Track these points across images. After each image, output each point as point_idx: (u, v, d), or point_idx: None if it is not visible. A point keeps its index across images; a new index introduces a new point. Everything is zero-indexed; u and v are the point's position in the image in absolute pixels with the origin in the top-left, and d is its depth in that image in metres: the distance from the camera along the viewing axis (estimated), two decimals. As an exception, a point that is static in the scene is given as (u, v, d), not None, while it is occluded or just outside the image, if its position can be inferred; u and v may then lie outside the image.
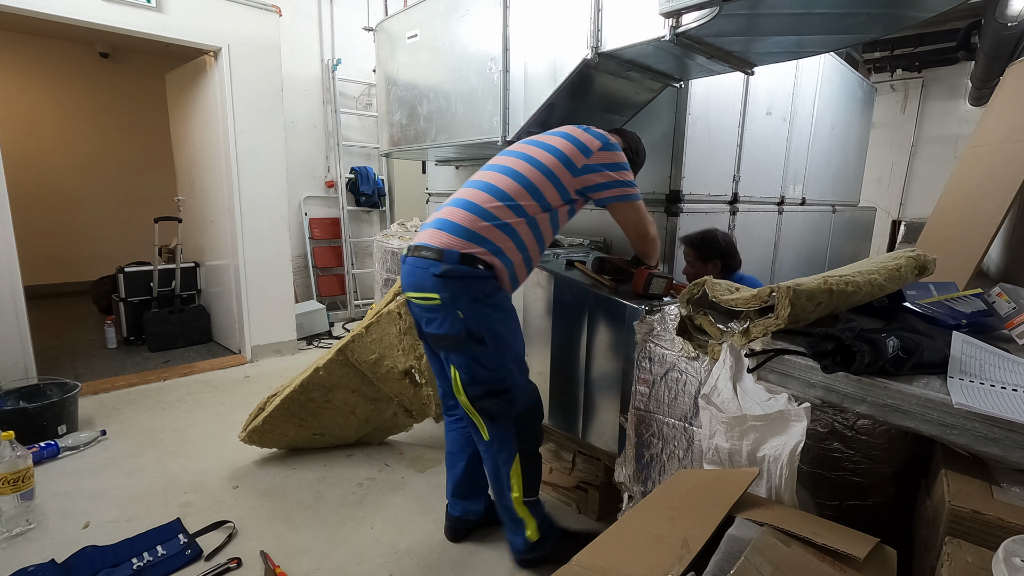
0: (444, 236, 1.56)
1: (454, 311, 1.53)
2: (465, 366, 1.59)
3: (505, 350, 1.61)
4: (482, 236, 1.56)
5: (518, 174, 1.64)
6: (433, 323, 1.58)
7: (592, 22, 1.80)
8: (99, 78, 5.85)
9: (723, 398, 1.30)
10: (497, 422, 1.64)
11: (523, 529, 1.73)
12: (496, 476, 1.70)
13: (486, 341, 1.56)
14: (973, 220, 2.95)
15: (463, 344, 1.55)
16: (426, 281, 1.55)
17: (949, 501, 0.91)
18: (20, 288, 2.96)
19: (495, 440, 1.66)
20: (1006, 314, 1.41)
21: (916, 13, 1.69)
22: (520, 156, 1.69)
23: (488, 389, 1.59)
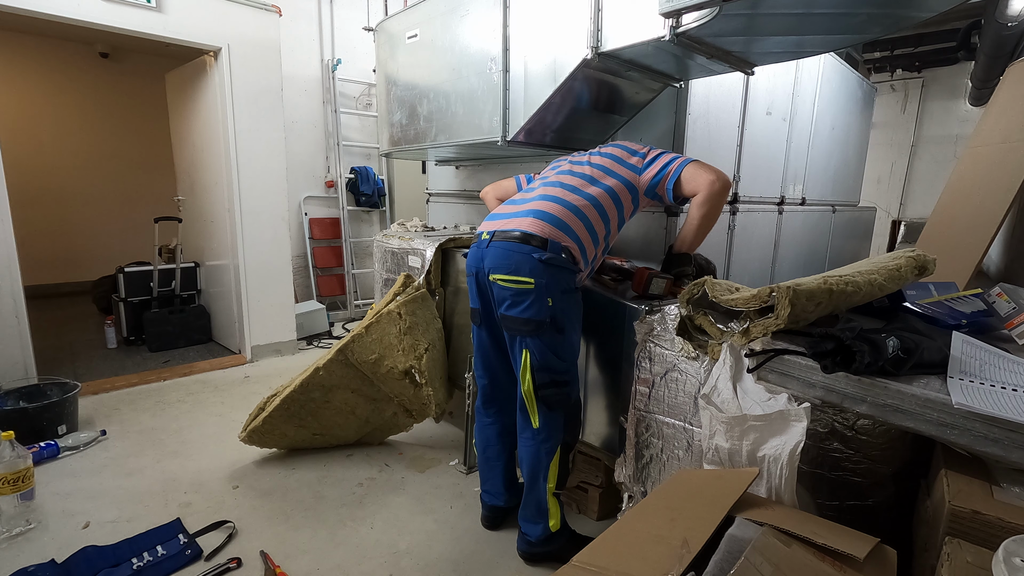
0: (546, 226, 1.62)
1: (545, 298, 1.60)
2: (540, 352, 1.64)
3: (576, 343, 1.72)
4: (575, 233, 1.65)
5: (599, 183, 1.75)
6: (518, 306, 1.62)
7: (592, 22, 1.80)
8: (99, 78, 5.85)
9: (723, 398, 1.30)
10: (553, 411, 1.69)
11: (547, 519, 1.78)
12: (535, 464, 1.74)
13: (565, 331, 1.65)
14: (973, 220, 2.94)
15: (544, 330, 1.62)
16: (524, 265, 1.59)
17: (949, 501, 0.91)
18: (20, 288, 2.96)
19: (544, 429, 1.70)
20: (1006, 314, 1.41)
21: (916, 13, 1.69)
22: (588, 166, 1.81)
23: (554, 378, 1.66)
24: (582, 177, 1.77)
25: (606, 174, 1.77)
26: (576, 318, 1.71)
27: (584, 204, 1.69)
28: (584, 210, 1.69)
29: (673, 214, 2.29)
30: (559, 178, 1.79)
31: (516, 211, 1.74)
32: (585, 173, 1.78)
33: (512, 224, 1.68)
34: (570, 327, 1.67)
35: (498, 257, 1.65)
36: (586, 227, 1.68)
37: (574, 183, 1.75)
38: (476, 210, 3.30)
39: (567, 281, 1.64)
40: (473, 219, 3.30)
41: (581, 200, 1.70)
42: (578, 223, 1.67)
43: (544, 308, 1.60)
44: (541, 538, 1.80)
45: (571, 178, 1.77)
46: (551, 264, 1.59)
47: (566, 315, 1.65)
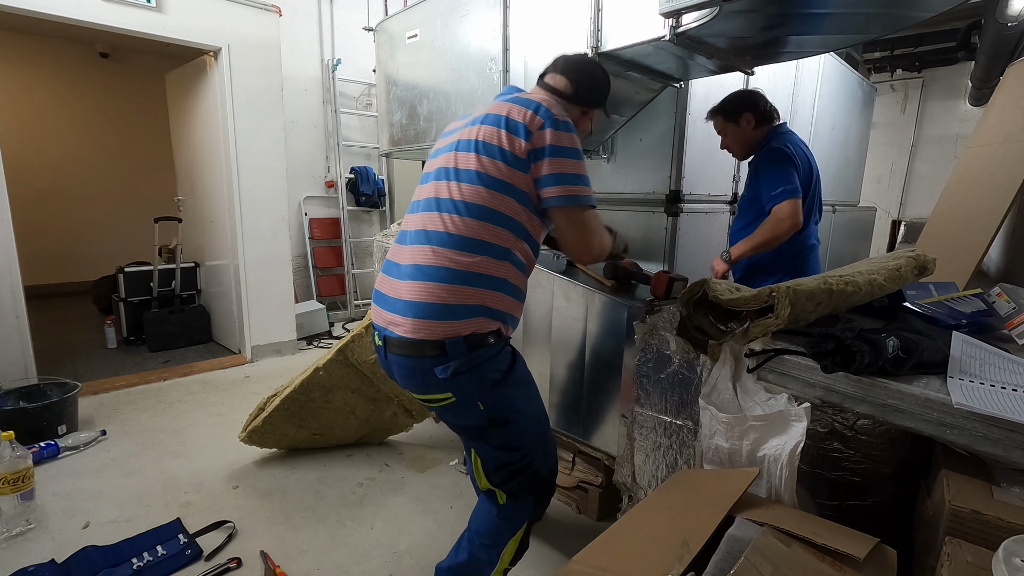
0: (431, 324, 1.23)
1: (474, 404, 1.30)
2: (488, 454, 1.38)
3: (529, 423, 1.39)
4: (471, 304, 1.25)
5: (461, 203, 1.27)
6: (447, 415, 1.39)
7: (592, 22, 1.80)
8: (99, 78, 5.85)
9: (723, 398, 1.30)
10: (520, 498, 1.42)
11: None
12: (492, 540, 1.44)
13: (510, 421, 1.34)
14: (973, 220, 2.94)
15: (486, 433, 1.34)
16: (431, 384, 1.28)
17: (949, 501, 0.91)
18: (20, 288, 2.96)
19: (510, 509, 1.43)
20: (1006, 314, 1.41)
21: (916, 13, 1.69)
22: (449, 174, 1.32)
23: (513, 471, 1.38)
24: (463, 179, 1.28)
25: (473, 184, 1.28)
26: (521, 397, 1.37)
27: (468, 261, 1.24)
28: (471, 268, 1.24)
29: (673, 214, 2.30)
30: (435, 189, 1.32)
31: (393, 290, 1.32)
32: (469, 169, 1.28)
33: (394, 321, 1.28)
34: (515, 412, 1.34)
35: (404, 376, 1.33)
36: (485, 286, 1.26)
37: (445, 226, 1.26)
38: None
39: (494, 371, 1.30)
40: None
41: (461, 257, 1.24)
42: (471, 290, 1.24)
43: (476, 413, 1.30)
44: None
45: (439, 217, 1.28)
46: (460, 372, 1.24)
47: (504, 406, 1.32)
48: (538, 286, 2.03)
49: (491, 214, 1.26)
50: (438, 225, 1.27)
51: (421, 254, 1.28)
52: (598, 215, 1.38)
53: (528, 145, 1.25)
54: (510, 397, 1.34)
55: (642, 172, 2.44)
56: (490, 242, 1.26)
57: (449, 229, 1.26)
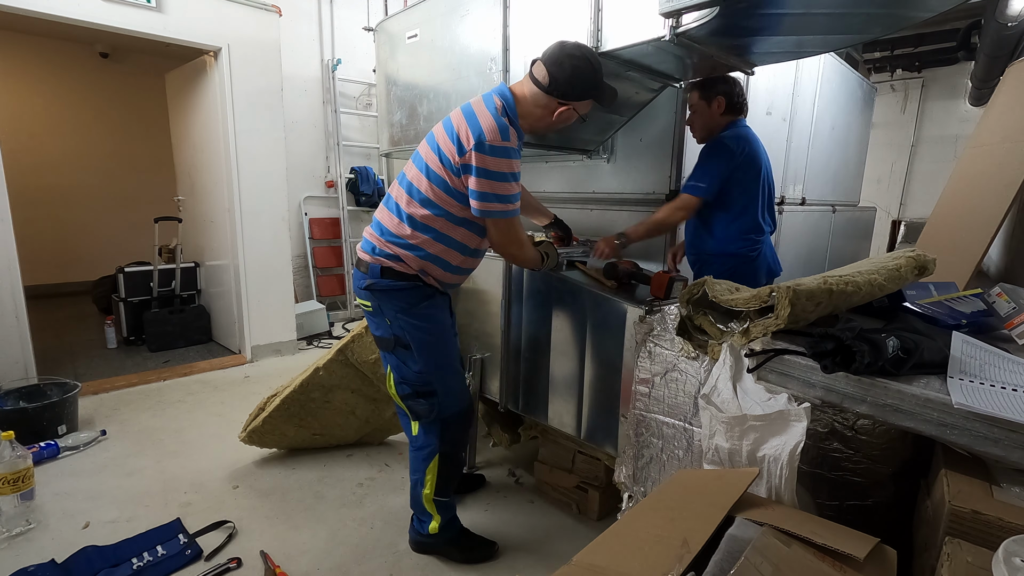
0: (365, 253, 1.69)
1: (383, 318, 1.69)
2: (396, 367, 1.74)
3: (430, 356, 1.70)
4: (394, 255, 1.63)
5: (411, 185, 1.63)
6: (372, 326, 1.77)
7: (592, 22, 1.80)
8: (99, 78, 5.85)
9: (723, 398, 1.30)
10: (423, 421, 1.75)
11: (428, 521, 1.83)
12: (414, 470, 1.81)
13: (412, 347, 1.68)
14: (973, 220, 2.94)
15: (393, 347, 1.70)
16: (359, 290, 1.71)
17: (949, 501, 0.91)
18: (20, 288, 2.96)
19: (420, 437, 1.77)
20: (1006, 314, 1.41)
21: (916, 13, 1.69)
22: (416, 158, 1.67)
23: (415, 390, 1.72)
24: (401, 182, 1.67)
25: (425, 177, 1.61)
26: (426, 332, 1.68)
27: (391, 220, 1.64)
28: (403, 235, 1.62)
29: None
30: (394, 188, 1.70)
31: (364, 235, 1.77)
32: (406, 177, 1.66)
33: (359, 247, 1.75)
34: (418, 342, 1.67)
35: (353, 282, 1.77)
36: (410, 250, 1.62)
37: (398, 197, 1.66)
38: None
39: (402, 299, 1.65)
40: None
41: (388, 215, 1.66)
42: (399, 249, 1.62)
43: (385, 327, 1.69)
44: (424, 535, 1.85)
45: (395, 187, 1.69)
46: (374, 289, 1.65)
47: (407, 332, 1.67)
48: (538, 286, 2.04)
49: (427, 202, 1.60)
50: (399, 198, 1.66)
51: (383, 213, 1.71)
52: (516, 226, 1.66)
53: (461, 160, 1.53)
54: (413, 325, 1.67)
55: (642, 172, 2.44)
56: (418, 220, 1.61)
57: (400, 203, 1.64)
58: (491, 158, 1.50)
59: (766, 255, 2.17)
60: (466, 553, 1.85)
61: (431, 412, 1.72)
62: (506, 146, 1.52)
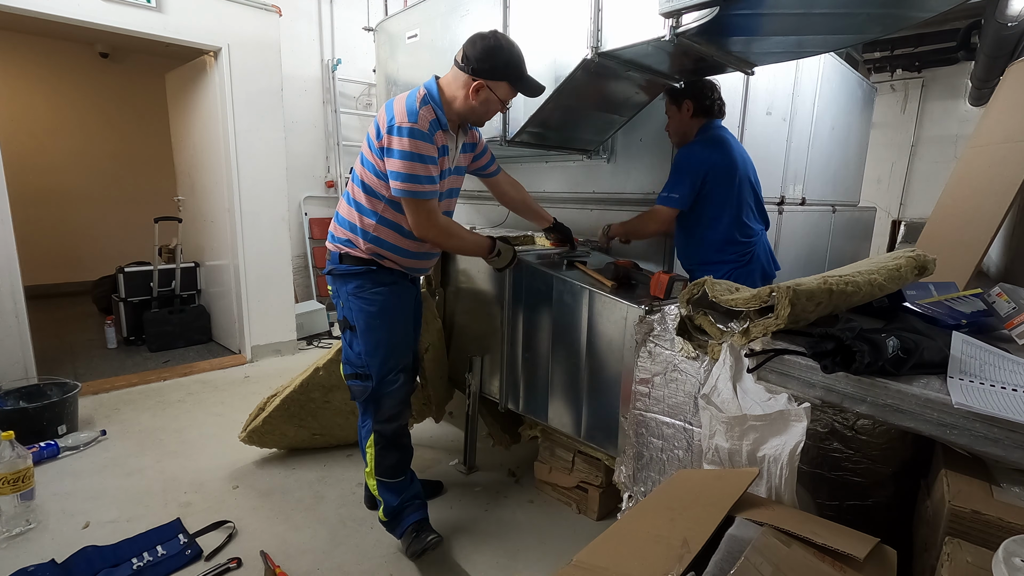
0: (328, 243, 1.84)
1: (339, 300, 1.83)
2: (343, 348, 1.88)
3: (371, 342, 1.79)
4: (348, 240, 1.76)
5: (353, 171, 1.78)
6: (336, 304, 1.87)
7: (592, 22, 1.80)
8: (99, 78, 5.85)
9: (723, 398, 1.30)
10: (359, 401, 1.86)
11: (378, 504, 1.90)
12: (360, 446, 1.93)
13: (357, 329, 1.79)
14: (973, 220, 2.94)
15: (344, 328, 1.84)
16: (327, 276, 1.87)
17: (949, 501, 0.91)
18: (20, 288, 2.96)
19: (361, 415, 1.91)
20: (1006, 314, 1.41)
21: (916, 13, 1.69)
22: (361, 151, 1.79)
23: (355, 371, 1.84)
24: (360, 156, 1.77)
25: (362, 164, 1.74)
26: (370, 316, 1.77)
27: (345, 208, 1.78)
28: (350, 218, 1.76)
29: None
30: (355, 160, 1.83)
31: None
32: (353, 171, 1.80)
33: None
34: (361, 326, 1.78)
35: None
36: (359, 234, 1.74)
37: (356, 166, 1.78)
38: (477, 210, 3.30)
39: (354, 283, 1.77)
40: (474, 219, 3.30)
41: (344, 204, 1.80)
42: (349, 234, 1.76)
43: (340, 308, 1.83)
44: (381, 519, 1.91)
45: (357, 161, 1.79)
46: (333, 274, 1.82)
47: (354, 315, 1.78)
48: (539, 286, 2.04)
49: (367, 187, 1.72)
50: (350, 187, 1.79)
51: (342, 203, 1.83)
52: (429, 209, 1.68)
53: (378, 144, 1.64)
54: (359, 308, 1.77)
55: (642, 172, 2.44)
56: (363, 205, 1.72)
57: (350, 191, 1.78)
58: (399, 138, 1.58)
59: (760, 257, 2.16)
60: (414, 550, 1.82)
61: (364, 394, 1.82)
62: (413, 127, 1.58)
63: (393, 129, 1.59)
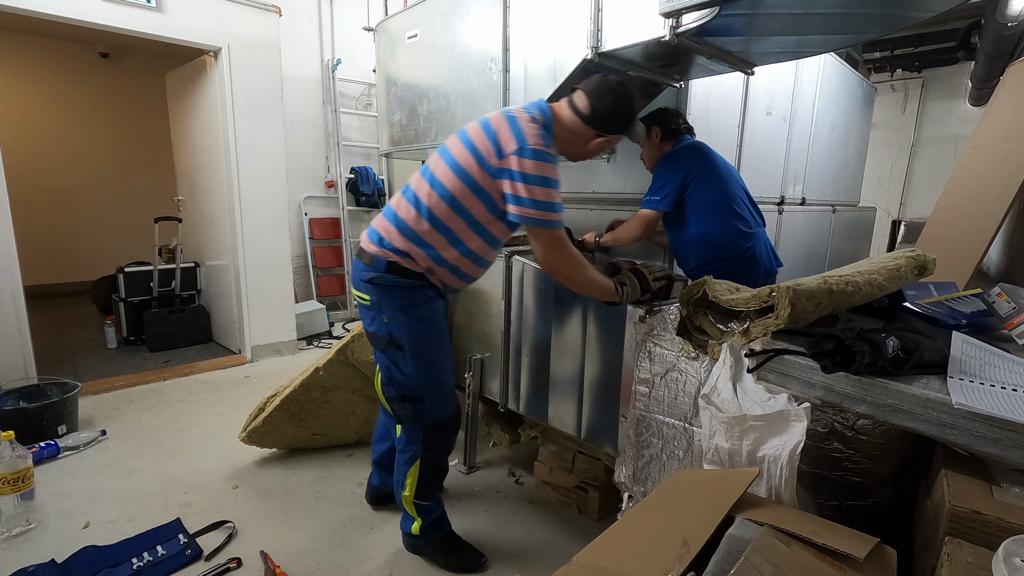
0: (372, 244, 1.63)
1: (381, 315, 1.63)
2: (385, 367, 1.70)
3: (423, 361, 1.66)
4: (402, 250, 1.58)
5: (435, 179, 1.57)
6: (365, 320, 1.70)
7: (592, 22, 1.80)
8: (99, 78, 5.85)
9: (723, 398, 1.30)
10: (406, 425, 1.71)
11: (411, 522, 1.81)
12: (398, 471, 1.79)
13: (406, 349, 1.63)
14: (973, 220, 2.94)
15: (386, 346, 1.65)
16: (359, 282, 1.65)
17: (949, 501, 0.91)
18: (20, 288, 2.96)
19: (402, 440, 1.75)
20: (1006, 314, 1.41)
21: (916, 13, 1.69)
22: (443, 153, 1.60)
23: (402, 393, 1.67)
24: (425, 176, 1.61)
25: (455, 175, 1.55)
26: (422, 335, 1.64)
27: (410, 215, 1.58)
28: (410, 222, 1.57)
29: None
30: (412, 180, 1.67)
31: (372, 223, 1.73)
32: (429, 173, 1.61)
33: (361, 239, 1.71)
34: (412, 345, 1.62)
35: (353, 272, 1.71)
36: (426, 237, 1.57)
37: (415, 188, 1.61)
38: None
39: (403, 298, 1.60)
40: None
41: (408, 209, 1.58)
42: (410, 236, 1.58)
43: (382, 324, 1.63)
44: (409, 535, 1.83)
45: (416, 179, 1.64)
46: (376, 283, 1.60)
47: (403, 333, 1.61)
48: (538, 286, 2.04)
49: (452, 199, 1.55)
50: (421, 191, 1.59)
51: (397, 201, 1.64)
52: (562, 240, 1.56)
53: (499, 163, 1.50)
54: (410, 327, 1.62)
55: (642, 172, 2.43)
56: (442, 220, 1.56)
57: (420, 196, 1.59)
58: (532, 162, 1.47)
59: (760, 254, 2.15)
60: (451, 560, 1.81)
61: (415, 418, 1.68)
62: (547, 151, 1.50)
63: (526, 151, 1.47)
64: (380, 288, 1.60)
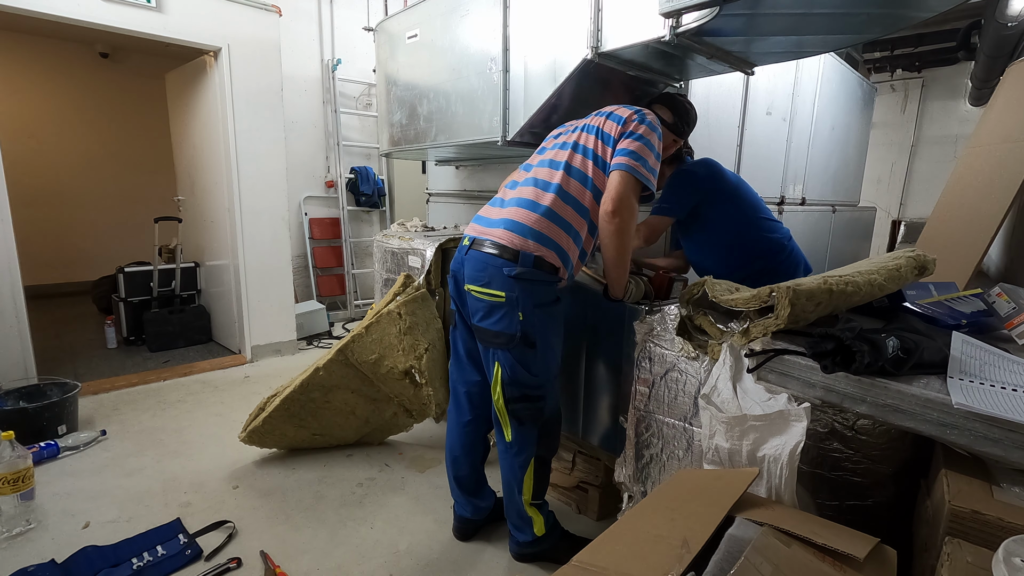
0: (516, 237, 1.57)
1: (516, 312, 1.56)
2: (510, 366, 1.60)
3: (551, 358, 1.65)
4: (549, 238, 1.58)
5: (573, 168, 1.64)
6: (490, 318, 1.59)
7: (592, 22, 1.80)
8: (99, 78, 5.85)
9: (723, 398, 1.30)
10: (524, 426, 1.66)
11: (531, 526, 1.77)
12: (510, 477, 1.73)
13: (537, 346, 1.59)
14: (973, 220, 2.94)
15: (515, 345, 1.58)
16: (495, 278, 1.56)
17: (949, 501, 0.91)
18: (20, 288, 2.96)
19: (516, 443, 1.68)
20: (1006, 314, 1.41)
21: (916, 13, 1.69)
22: (570, 147, 1.67)
23: (525, 393, 1.62)
24: (557, 167, 1.65)
25: (587, 159, 1.64)
26: (552, 332, 1.64)
27: (557, 204, 1.60)
28: (558, 211, 1.60)
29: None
30: (535, 173, 1.69)
31: (494, 218, 1.67)
32: (562, 161, 1.66)
33: (487, 233, 1.63)
34: (543, 342, 1.61)
35: (473, 267, 1.61)
36: (564, 229, 1.60)
37: (548, 177, 1.65)
38: (476, 210, 3.29)
39: (542, 294, 1.59)
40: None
41: (553, 199, 1.60)
42: (553, 228, 1.59)
43: (515, 322, 1.56)
44: (528, 542, 1.79)
45: (546, 171, 1.67)
46: (522, 278, 1.55)
47: (538, 330, 1.59)
48: (538, 286, 2.03)
49: (584, 178, 1.63)
50: (546, 176, 1.65)
51: (534, 193, 1.63)
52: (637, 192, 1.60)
53: (621, 129, 1.61)
54: (545, 324, 1.60)
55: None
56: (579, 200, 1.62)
57: (553, 180, 1.63)
58: (646, 127, 1.60)
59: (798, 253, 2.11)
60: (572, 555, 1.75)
61: (536, 416, 1.65)
62: (658, 126, 1.65)
63: (645, 119, 1.62)
64: (524, 284, 1.55)
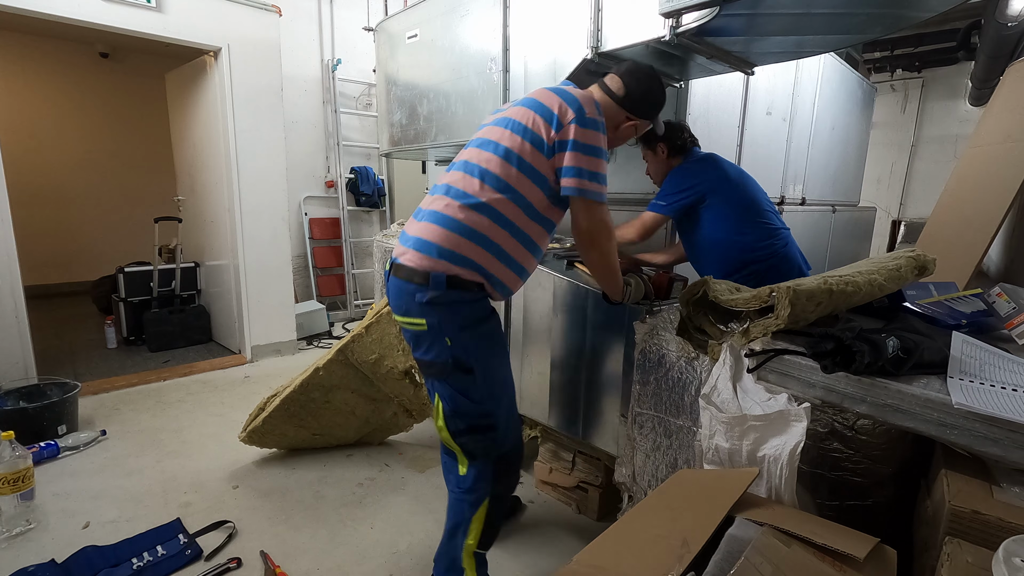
0: (423, 259, 1.39)
1: (442, 338, 1.41)
2: (450, 397, 1.45)
3: (493, 382, 1.49)
4: (462, 256, 1.39)
5: (490, 175, 1.42)
6: (419, 349, 1.46)
7: (592, 22, 1.80)
8: (99, 78, 5.85)
9: (723, 398, 1.30)
10: (477, 460, 1.49)
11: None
12: (457, 516, 1.53)
13: (474, 371, 1.43)
14: (973, 220, 2.95)
15: (449, 373, 1.43)
16: (411, 306, 1.42)
17: (949, 501, 0.91)
18: (20, 288, 2.96)
19: (469, 479, 1.50)
20: (1006, 314, 1.41)
21: (916, 13, 1.69)
22: (485, 145, 1.47)
23: (471, 424, 1.46)
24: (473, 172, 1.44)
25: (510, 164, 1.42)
26: (489, 353, 1.48)
27: (472, 218, 1.39)
28: (473, 225, 1.40)
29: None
30: (450, 178, 1.48)
31: (410, 234, 1.48)
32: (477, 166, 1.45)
33: (402, 255, 1.46)
34: (481, 366, 1.44)
35: (393, 296, 1.47)
36: (480, 244, 1.40)
37: (463, 185, 1.44)
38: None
39: (466, 315, 1.42)
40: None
41: (465, 212, 1.40)
42: (465, 243, 1.39)
43: (444, 349, 1.41)
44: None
45: (460, 177, 1.46)
46: (436, 303, 1.38)
47: (471, 354, 1.42)
48: (538, 286, 2.04)
49: (508, 188, 1.41)
50: (461, 184, 1.44)
51: (441, 203, 1.45)
52: (606, 211, 1.50)
53: (557, 136, 1.40)
54: (477, 346, 1.44)
55: (642, 172, 2.44)
56: (500, 212, 1.41)
57: (467, 190, 1.42)
58: (587, 131, 1.40)
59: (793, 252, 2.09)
60: None
61: (489, 450, 1.48)
62: (598, 120, 1.43)
63: (585, 120, 1.39)
64: (442, 308, 1.39)
